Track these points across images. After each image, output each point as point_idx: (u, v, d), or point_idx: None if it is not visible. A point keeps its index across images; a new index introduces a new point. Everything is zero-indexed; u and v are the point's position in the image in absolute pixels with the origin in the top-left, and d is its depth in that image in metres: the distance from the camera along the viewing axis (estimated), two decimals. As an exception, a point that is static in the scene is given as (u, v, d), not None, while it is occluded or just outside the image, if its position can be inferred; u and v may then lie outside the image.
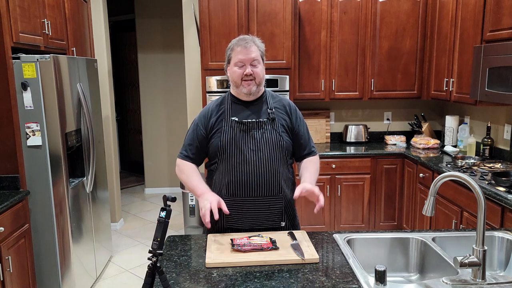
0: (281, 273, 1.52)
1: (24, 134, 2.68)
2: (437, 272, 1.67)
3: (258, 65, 1.89)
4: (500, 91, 2.76)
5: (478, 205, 1.42)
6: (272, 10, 3.64)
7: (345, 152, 3.94)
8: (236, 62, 1.88)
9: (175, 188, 5.86)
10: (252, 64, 1.87)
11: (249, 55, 1.86)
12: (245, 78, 1.87)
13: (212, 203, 1.73)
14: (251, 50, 1.87)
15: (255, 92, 1.92)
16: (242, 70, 1.87)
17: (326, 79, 4.08)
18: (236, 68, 1.89)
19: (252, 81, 1.88)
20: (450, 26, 3.54)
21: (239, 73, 1.88)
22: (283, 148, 1.92)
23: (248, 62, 1.87)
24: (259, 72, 1.89)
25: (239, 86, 1.90)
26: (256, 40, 1.92)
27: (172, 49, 5.70)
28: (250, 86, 1.89)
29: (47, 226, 2.79)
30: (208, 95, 3.70)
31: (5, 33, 2.50)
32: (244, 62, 1.87)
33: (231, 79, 1.94)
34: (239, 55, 1.87)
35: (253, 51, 1.87)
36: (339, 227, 3.98)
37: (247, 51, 1.86)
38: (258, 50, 1.90)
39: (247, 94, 1.91)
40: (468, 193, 2.77)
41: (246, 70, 1.86)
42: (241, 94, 1.93)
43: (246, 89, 1.89)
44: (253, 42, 1.89)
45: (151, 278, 1.39)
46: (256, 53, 1.88)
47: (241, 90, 1.90)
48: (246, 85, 1.88)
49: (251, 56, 1.87)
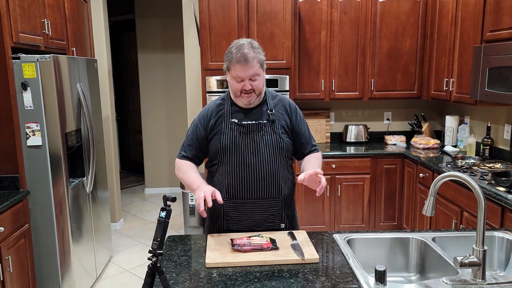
0: (281, 273, 1.52)
1: (24, 134, 2.68)
2: (437, 272, 1.66)
3: (257, 78, 1.84)
4: (500, 91, 2.76)
5: (478, 205, 1.42)
6: (272, 10, 3.64)
7: (345, 152, 3.94)
8: (235, 77, 1.83)
9: (175, 188, 5.86)
10: (252, 79, 1.83)
11: (248, 72, 1.80)
12: (244, 91, 1.84)
13: (206, 192, 1.69)
14: (251, 66, 1.79)
15: (255, 102, 1.90)
16: (240, 85, 1.83)
17: (326, 79, 4.08)
18: (234, 82, 1.84)
19: (252, 93, 1.85)
20: (450, 26, 3.54)
21: (237, 87, 1.84)
22: (283, 149, 1.91)
23: (247, 78, 1.82)
24: (258, 84, 1.84)
25: (238, 97, 1.88)
26: (256, 50, 1.83)
27: (172, 49, 5.70)
28: (249, 98, 1.86)
29: (47, 226, 2.79)
30: (208, 95, 3.70)
31: (5, 33, 2.50)
32: (243, 78, 1.82)
33: (230, 88, 1.91)
34: (238, 71, 1.80)
35: (253, 67, 1.80)
36: (339, 227, 3.98)
37: (247, 69, 1.79)
38: (257, 63, 1.82)
39: (246, 104, 1.89)
40: (468, 193, 2.77)
41: (245, 86, 1.82)
42: (239, 103, 1.91)
43: (245, 100, 1.87)
44: (253, 57, 1.79)
45: (151, 278, 1.39)
46: (256, 67, 1.81)
47: (240, 101, 1.88)
48: (245, 97, 1.86)
49: (250, 73, 1.80)
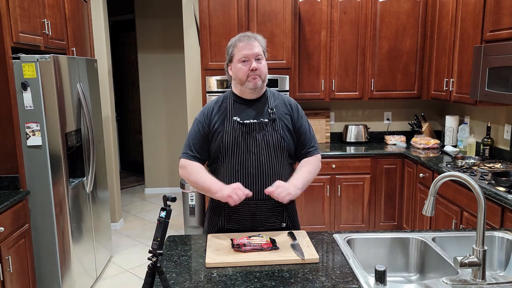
0: (281, 273, 1.52)
1: (24, 134, 2.68)
2: (437, 272, 1.66)
3: (262, 60, 1.88)
4: (500, 91, 2.76)
5: (478, 205, 1.42)
6: (272, 10, 3.64)
7: (345, 152, 3.94)
8: (240, 58, 1.85)
9: (175, 188, 5.86)
10: (257, 59, 1.86)
11: (253, 50, 1.84)
12: (251, 74, 1.85)
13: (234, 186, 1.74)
14: (254, 45, 1.85)
15: (260, 88, 1.90)
16: (247, 66, 1.84)
17: (326, 79, 4.08)
18: (241, 65, 1.85)
19: (257, 77, 1.86)
20: (450, 26, 3.54)
21: (244, 70, 1.85)
22: (284, 149, 1.91)
23: (253, 57, 1.85)
24: (262, 68, 1.88)
25: (245, 82, 1.87)
26: (258, 36, 1.91)
27: (172, 49, 5.70)
28: (255, 80, 1.86)
29: (47, 226, 2.79)
30: (208, 95, 3.70)
31: (5, 33, 2.50)
32: (249, 57, 1.84)
33: (235, 77, 1.90)
34: (243, 50, 1.84)
35: (256, 46, 1.86)
36: (339, 227, 3.98)
37: (251, 46, 1.84)
38: (260, 45, 1.88)
39: (252, 89, 1.87)
40: (468, 193, 2.77)
41: (251, 65, 1.84)
42: (246, 91, 1.89)
43: (252, 83, 1.86)
44: (255, 38, 1.88)
45: (151, 278, 1.39)
46: (259, 48, 1.87)
47: (247, 86, 1.87)
48: (251, 79, 1.85)
49: (255, 51, 1.85)
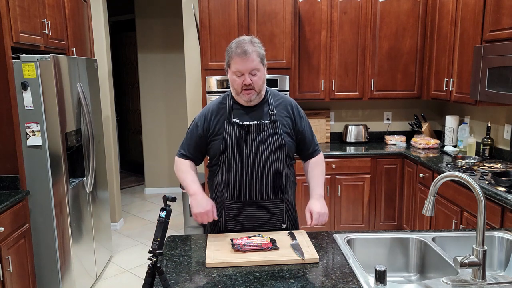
0: (281, 273, 1.52)
1: (24, 134, 2.68)
2: (437, 272, 1.67)
3: (257, 73, 1.83)
4: (500, 91, 2.76)
5: (478, 205, 1.42)
6: (272, 10, 3.64)
7: (345, 152, 3.93)
8: (235, 72, 1.83)
9: (175, 188, 5.86)
10: (251, 73, 1.82)
11: (247, 65, 1.80)
12: (244, 87, 1.84)
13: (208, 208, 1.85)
14: (250, 59, 1.80)
15: (256, 99, 1.89)
16: (241, 80, 1.83)
17: (326, 79, 4.08)
18: (235, 77, 1.84)
19: (252, 90, 1.84)
20: (450, 26, 3.54)
21: (238, 82, 1.84)
22: (284, 150, 1.91)
23: (247, 72, 1.81)
24: (258, 80, 1.84)
25: (239, 93, 1.87)
26: (256, 44, 1.85)
27: (172, 49, 5.70)
28: (249, 95, 1.85)
29: (47, 226, 2.79)
30: (208, 95, 3.70)
31: (5, 33, 2.50)
32: (243, 72, 1.82)
33: (231, 85, 1.90)
34: (238, 65, 1.81)
35: (253, 60, 1.80)
36: (339, 227, 3.98)
37: (246, 61, 1.79)
38: (257, 57, 1.82)
39: (247, 102, 1.88)
40: (468, 193, 2.77)
41: (245, 80, 1.82)
42: (241, 101, 1.90)
43: (246, 97, 1.86)
44: (252, 50, 1.81)
45: (151, 278, 1.39)
46: (256, 61, 1.81)
47: (241, 98, 1.88)
48: (246, 94, 1.85)
49: (250, 66, 1.80)
